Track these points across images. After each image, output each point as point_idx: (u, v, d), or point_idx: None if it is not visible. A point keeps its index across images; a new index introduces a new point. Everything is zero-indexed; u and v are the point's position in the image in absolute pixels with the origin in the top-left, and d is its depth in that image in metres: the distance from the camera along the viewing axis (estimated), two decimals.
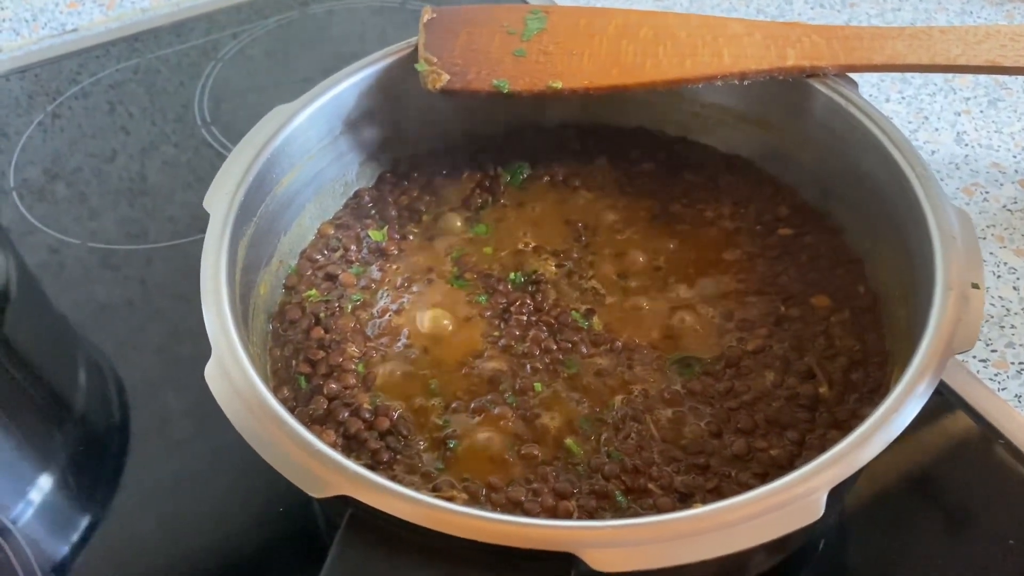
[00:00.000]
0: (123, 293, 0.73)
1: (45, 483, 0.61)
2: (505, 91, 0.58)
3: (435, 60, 0.59)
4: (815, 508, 0.38)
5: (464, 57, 0.59)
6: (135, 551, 0.57)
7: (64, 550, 0.57)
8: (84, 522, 0.59)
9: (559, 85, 0.57)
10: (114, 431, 0.64)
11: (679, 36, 0.59)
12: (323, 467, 0.40)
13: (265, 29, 0.99)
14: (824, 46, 0.58)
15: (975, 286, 0.45)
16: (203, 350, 0.48)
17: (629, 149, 0.66)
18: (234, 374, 0.44)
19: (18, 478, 0.61)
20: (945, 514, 0.56)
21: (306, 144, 0.59)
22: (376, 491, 0.39)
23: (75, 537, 0.58)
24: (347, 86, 0.60)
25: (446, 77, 0.58)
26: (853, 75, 0.58)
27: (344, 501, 0.39)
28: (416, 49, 0.61)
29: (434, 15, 0.62)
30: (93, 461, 0.62)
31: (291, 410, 0.49)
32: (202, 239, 0.51)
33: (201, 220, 0.63)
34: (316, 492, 0.39)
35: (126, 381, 0.67)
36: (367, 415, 0.51)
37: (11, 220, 0.79)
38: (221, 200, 0.51)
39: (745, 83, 0.58)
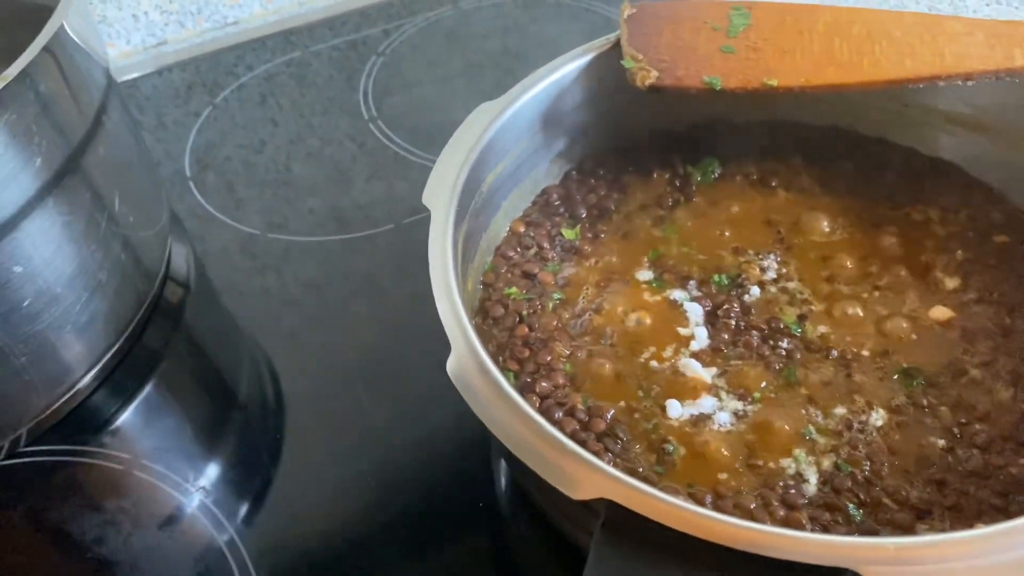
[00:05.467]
0: (261, 282, 0.75)
1: (215, 468, 0.63)
2: (718, 88, 0.56)
3: (641, 57, 0.58)
4: None
5: (670, 53, 0.58)
6: (302, 513, 0.60)
7: (245, 508, 0.61)
8: (246, 507, 0.61)
9: (775, 83, 0.56)
10: (272, 417, 0.66)
11: (894, 34, 0.57)
12: (581, 467, 0.40)
13: (416, 26, 1.00)
14: None
15: None
16: (334, 339, 0.59)
17: (824, 148, 0.64)
18: (476, 371, 0.43)
19: (197, 458, 0.64)
20: None
21: (508, 142, 0.58)
22: (642, 497, 0.38)
23: (239, 520, 0.60)
24: (547, 84, 0.60)
25: (655, 74, 0.57)
26: None
27: (600, 503, 0.39)
28: (616, 46, 0.60)
29: (634, 10, 0.61)
30: (256, 447, 0.64)
31: None
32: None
33: (341, 211, 0.66)
34: (574, 493, 0.39)
35: (277, 368, 0.70)
36: (582, 415, 0.51)
37: (187, 210, 0.81)
38: (441, 196, 0.51)
39: (969, 83, 0.55)
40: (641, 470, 0.49)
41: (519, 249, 0.61)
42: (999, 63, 0.55)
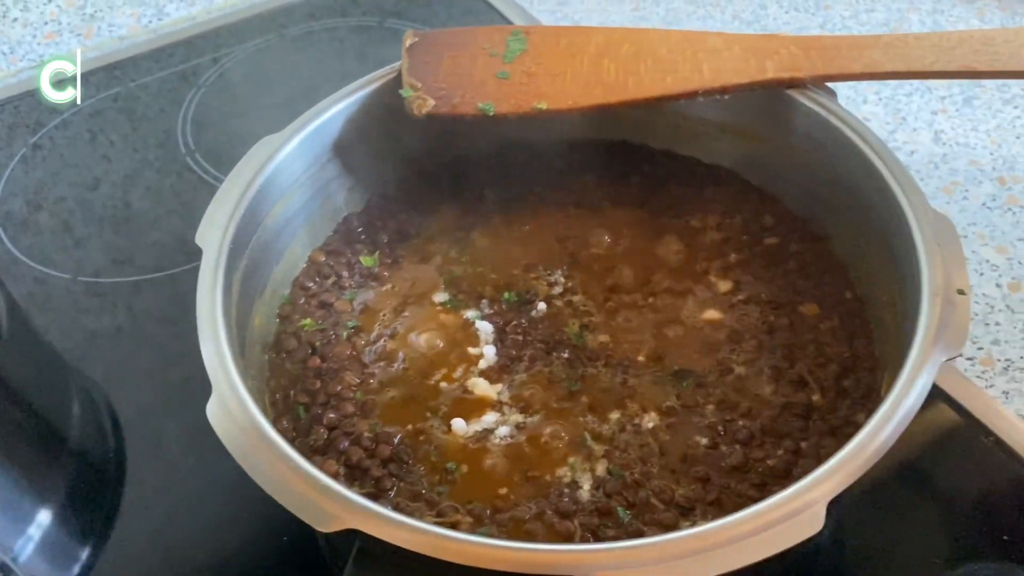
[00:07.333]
0: (111, 322, 0.73)
1: (45, 517, 0.60)
2: (491, 114, 0.58)
3: (419, 85, 0.59)
4: (816, 521, 0.39)
5: (448, 81, 0.60)
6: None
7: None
8: (85, 554, 0.59)
9: (544, 106, 0.58)
10: (110, 461, 0.64)
11: (659, 52, 0.60)
12: (330, 501, 0.40)
13: (245, 52, 0.99)
14: (802, 57, 0.59)
15: (961, 292, 0.46)
16: (194, 374, 0.47)
17: (614, 163, 0.67)
18: (236, 412, 0.44)
19: (18, 514, 0.61)
20: (935, 509, 0.58)
21: (294, 173, 0.59)
22: (384, 523, 0.39)
23: (77, 569, 0.58)
24: (333, 114, 0.60)
25: (431, 102, 0.58)
26: (831, 84, 0.59)
27: (351, 534, 0.40)
28: (400, 74, 0.61)
29: (416, 39, 0.62)
30: (91, 492, 0.62)
31: (291, 441, 0.49)
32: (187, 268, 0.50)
33: (188, 244, 0.64)
34: (324, 526, 0.40)
35: (119, 410, 0.67)
36: (368, 443, 0.52)
37: (5, 255, 0.78)
38: (213, 236, 0.52)
39: (726, 96, 0.58)
40: (424, 492, 0.50)
41: (318, 279, 0.61)
42: (752, 75, 0.58)
